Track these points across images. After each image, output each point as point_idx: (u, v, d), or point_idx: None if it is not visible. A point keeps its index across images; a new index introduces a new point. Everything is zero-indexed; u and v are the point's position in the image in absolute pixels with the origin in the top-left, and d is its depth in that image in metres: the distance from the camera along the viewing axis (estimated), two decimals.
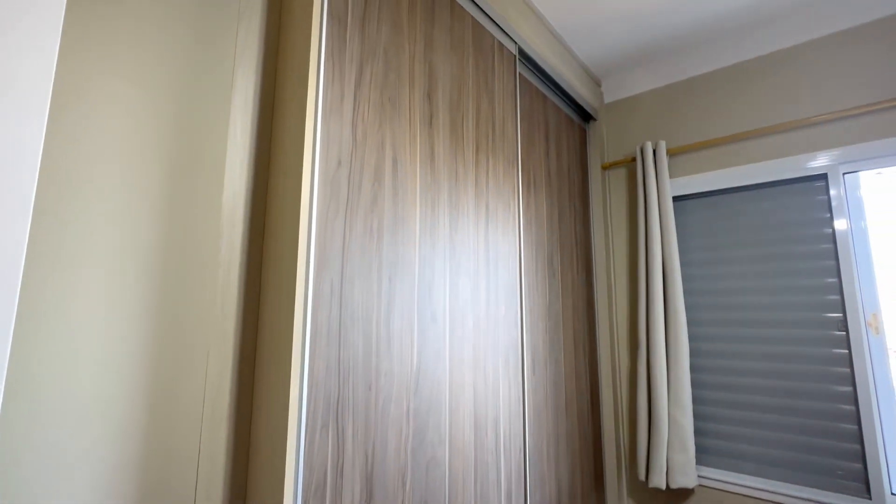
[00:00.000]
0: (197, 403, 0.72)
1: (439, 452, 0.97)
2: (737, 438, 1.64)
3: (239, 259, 0.79)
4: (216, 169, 0.79)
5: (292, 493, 0.68)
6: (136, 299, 0.67)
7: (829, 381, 1.50)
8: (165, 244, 0.71)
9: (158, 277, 0.70)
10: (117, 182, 0.67)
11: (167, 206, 0.72)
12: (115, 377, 0.64)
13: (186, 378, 0.71)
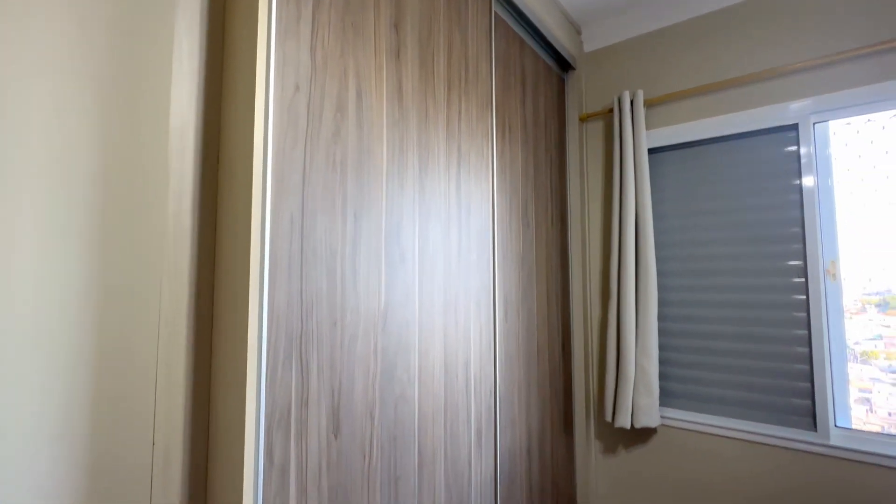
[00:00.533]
0: (151, 340, 0.70)
1: (408, 391, 0.98)
2: (698, 381, 1.72)
3: (191, 190, 0.75)
4: (160, 94, 0.73)
5: (254, 422, 0.67)
6: (78, 233, 0.63)
7: (786, 326, 1.57)
8: (106, 174, 0.66)
9: (100, 210, 0.66)
10: (48, 103, 0.62)
11: (106, 134, 0.67)
12: (58, 316, 0.61)
13: (138, 315, 0.69)
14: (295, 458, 0.73)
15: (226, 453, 0.68)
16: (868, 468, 1.38)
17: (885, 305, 1.49)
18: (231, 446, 0.67)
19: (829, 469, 1.44)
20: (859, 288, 1.51)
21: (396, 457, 0.93)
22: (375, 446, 0.89)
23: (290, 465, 0.72)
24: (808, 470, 1.47)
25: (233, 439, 0.67)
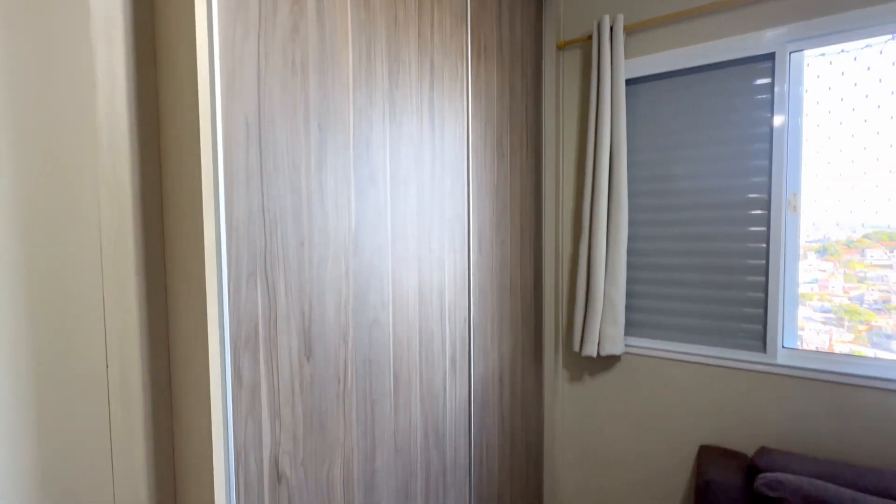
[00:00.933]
0: (93, 261, 0.62)
1: (382, 316, 0.96)
2: (660, 311, 1.80)
3: (125, 86, 0.65)
4: None
5: (219, 343, 0.63)
6: None
7: (745, 256, 1.63)
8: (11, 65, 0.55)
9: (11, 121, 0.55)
10: None
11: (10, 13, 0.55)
12: None
13: (76, 235, 0.61)
14: (266, 379, 0.70)
15: (190, 372, 0.64)
16: (810, 383, 1.51)
17: (823, 252, 1.57)
18: (195, 365, 0.63)
19: (775, 385, 1.57)
20: (803, 234, 1.57)
21: (371, 381, 0.92)
22: (350, 370, 0.87)
23: (261, 387, 0.69)
24: (757, 387, 1.60)
25: (196, 357, 0.63)
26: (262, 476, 0.70)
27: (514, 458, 1.67)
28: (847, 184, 1.52)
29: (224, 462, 0.63)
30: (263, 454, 0.70)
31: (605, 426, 1.91)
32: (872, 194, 1.49)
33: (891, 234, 1.51)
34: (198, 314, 0.62)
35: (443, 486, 1.19)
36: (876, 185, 1.48)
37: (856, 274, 1.54)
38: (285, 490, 0.74)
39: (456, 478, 1.25)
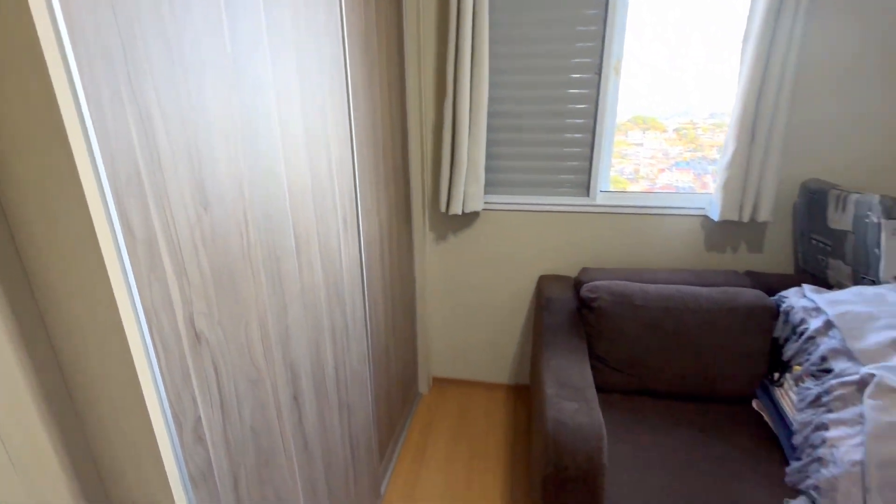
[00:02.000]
0: None
1: (277, 166, 0.84)
2: (511, 169, 2.02)
3: None
4: None
5: (95, 182, 0.47)
6: None
7: (575, 116, 1.89)
8: None
9: None
10: None
11: None
12: None
13: None
14: (161, 230, 0.57)
15: (66, 217, 0.48)
16: (617, 216, 1.96)
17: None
18: (71, 210, 0.47)
19: (594, 221, 1.99)
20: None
21: (274, 237, 0.85)
22: (251, 224, 0.77)
23: (158, 239, 0.57)
24: (581, 224, 2.00)
25: (72, 201, 0.47)
26: (180, 338, 0.62)
27: (395, 313, 1.82)
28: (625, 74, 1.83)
29: (137, 326, 0.53)
30: (176, 315, 0.61)
31: (466, 273, 2.19)
32: (635, 84, 1.84)
33: (644, 118, 1.92)
34: (58, 146, 0.45)
35: (346, 341, 1.24)
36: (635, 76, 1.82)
37: (619, 151, 1.96)
38: (206, 350, 0.67)
39: (356, 332, 1.32)
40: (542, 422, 1.27)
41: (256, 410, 0.81)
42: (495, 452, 1.93)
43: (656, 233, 1.95)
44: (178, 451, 0.61)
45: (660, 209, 1.92)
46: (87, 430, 0.59)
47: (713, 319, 1.55)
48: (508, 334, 2.26)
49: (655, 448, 1.38)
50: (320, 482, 1.11)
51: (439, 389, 2.37)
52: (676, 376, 1.59)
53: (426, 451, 1.95)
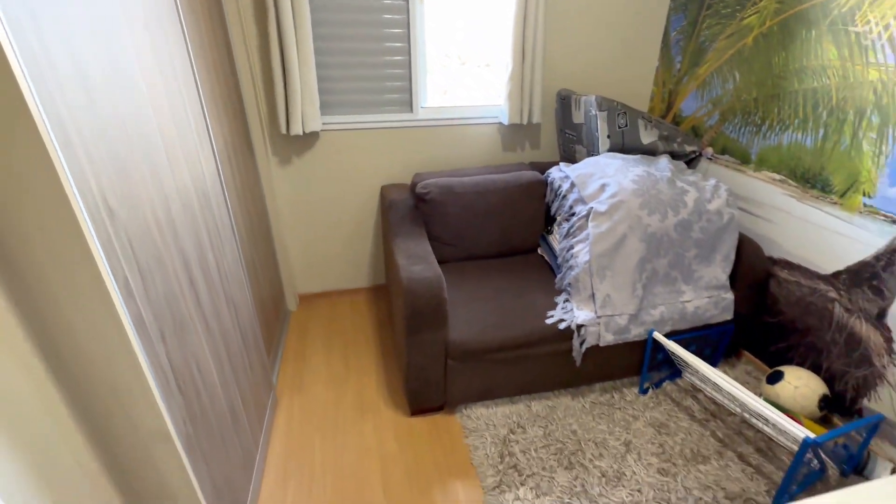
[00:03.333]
0: None
1: (135, 73, 0.94)
2: (343, 91, 2.22)
3: None
4: None
5: (41, 118, 0.59)
6: None
7: (393, 40, 2.17)
8: None
9: None
10: None
11: None
12: None
13: None
14: (76, 132, 0.70)
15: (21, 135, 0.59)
16: (438, 129, 2.38)
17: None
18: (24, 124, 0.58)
19: (419, 133, 2.37)
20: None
21: (144, 129, 0.96)
22: (129, 123, 0.89)
23: (77, 140, 0.69)
24: (409, 138, 2.36)
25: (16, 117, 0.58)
26: (100, 210, 0.76)
27: (254, 231, 1.95)
28: None
29: (78, 204, 0.67)
30: (94, 192, 0.75)
31: (315, 193, 2.39)
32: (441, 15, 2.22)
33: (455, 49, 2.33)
34: None
35: (220, 242, 1.39)
36: None
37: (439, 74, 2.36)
38: (120, 223, 0.82)
39: (227, 236, 1.46)
40: (399, 282, 1.67)
41: (165, 283, 0.98)
42: (365, 340, 2.32)
43: (467, 139, 2.44)
44: (120, 302, 0.78)
45: (468, 119, 2.40)
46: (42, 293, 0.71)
47: (509, 196, 2.13)
48: (362, 242, 2.58)
49: (478, 290, 1.92)
50: (225, 362, 1.31)
51: (307, 305, 2.61)
52: (488, 242, 2.16)
53: (305, 352, 2.23)
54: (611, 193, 1.79)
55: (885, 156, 1.50)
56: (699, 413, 1.83)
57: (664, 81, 2.47)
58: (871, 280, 1.58)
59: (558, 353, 1.78)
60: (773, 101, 1.87)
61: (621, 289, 1.75)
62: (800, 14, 1.72)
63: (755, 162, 1.98)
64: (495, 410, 1.84)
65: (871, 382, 1.63)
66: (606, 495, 1.50)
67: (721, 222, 1.81)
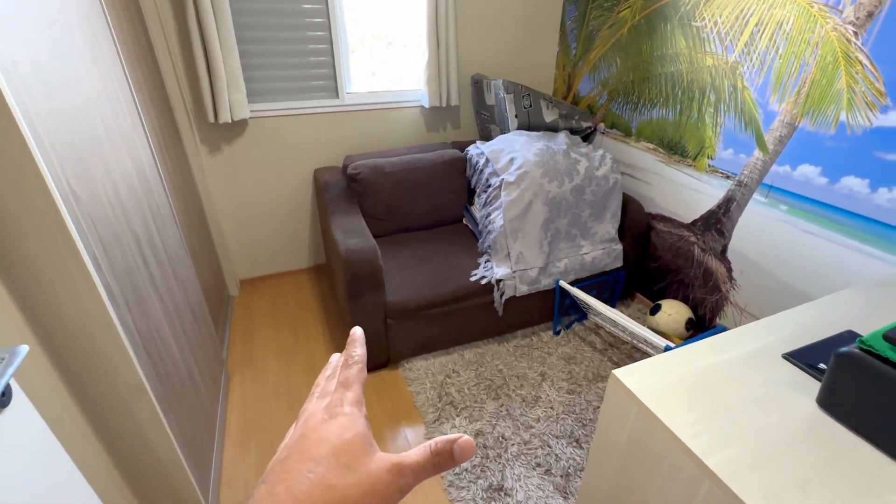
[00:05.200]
0: None
1: (79, 69, 1.03)
2: (268, 79, 2.30)
3: None
4: None
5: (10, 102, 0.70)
6: None
7: (314, 28, 2.29)
8: None
9: None
10: None
11: None
12: None
13: None
14: (41, 126, 0.81)
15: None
16: (365, 113, 2.53)
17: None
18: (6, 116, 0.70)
19: (347, 118, 2.51)
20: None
21: (89, 121, 1.07)
22: (80, 114, 0.99)
23: (44, 134, 0.81)
24: (337, 122, 2.50)
25: None
26: (68, 194, 0.88)
27: (191, 218, 2.02)
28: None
29: (53, 190, 0.80)
30: (61, 178, 0.87)
31: (249, 180, 2.47)
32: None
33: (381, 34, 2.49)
34: None
35: (163, 225, 1.49)
36: None
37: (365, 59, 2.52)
38: (84, 206, 0.94)
39: (168, 219, 1.56)
40: (338, 256, 1.85)
41: (125, 259, 1.10)
42: (311, 314, 2.48)
43: (392, 121, 2.62)
44: (94, 273, 0.91)
45: (392, 103, 2.58)
46: (27, 274, 0.83)
47: (434, 173, 2.37)
48: (299, 225, 2.70)
49: (411, 258, 2.16)
50: (180, 334, 1.44)
51: (249, 289, 2.70)
52: (418, 215, 2.39)
53: (253, 330, 2.35)
54: (518, 165, 2.08)
55: (720, 126, 1.92)
56: (600, 345, 2.23)
57: (564, 65, 2.80)
58: (716, 224, 2.02)
59: (483, 306, 2.07)
60: (645, 83, 2.25)
61: (531, 246, 2.06)
62: (659, 10, 2.09)
63: (635, 134, 2.37)
64: (433, 361, 2.10)
65: (720, 304, 2.09)
66: (526, 414, 1.83)
67: (608, 185, 2.18)
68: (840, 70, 1.48)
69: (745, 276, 1.94)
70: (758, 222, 1.84)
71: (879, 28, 1.37)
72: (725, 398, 0.86)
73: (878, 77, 1.39)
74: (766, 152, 1.75)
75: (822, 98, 1.54)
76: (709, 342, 1.01)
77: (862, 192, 1.49)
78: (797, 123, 1.63)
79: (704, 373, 0.92)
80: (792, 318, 1.11)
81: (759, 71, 1.72)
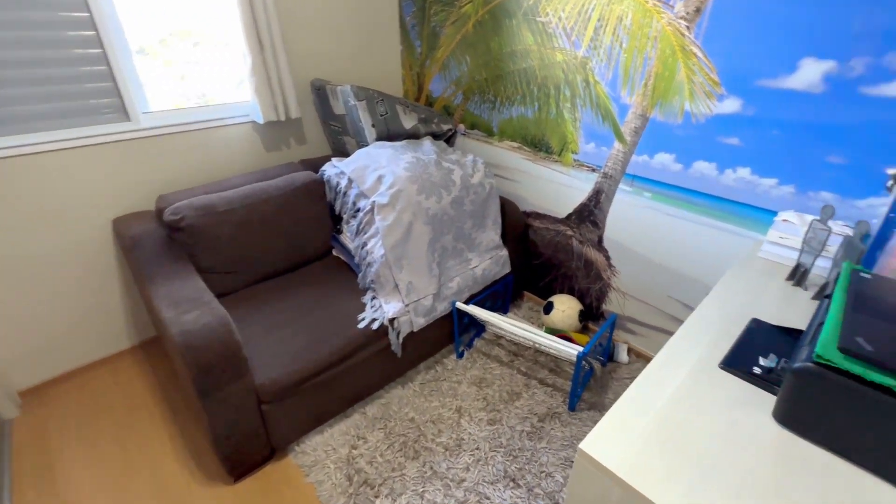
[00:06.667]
0: None
1: None
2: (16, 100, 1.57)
3: None
4: None
5: None
6: None
7: (74, 27, 1.63)
8: None
9: None
10: None
11: None
12: None
13: None
14: None
15: None
16: (176, 137, 1.94)
17: (142, 51, 1.84)
18: None
19: (150, 146, 1.89)
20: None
21: None
22: None
23: None
24: (136, 152, 1.86)
25: None
26: None
27: None
28: None
29: None
30: None
31: (6, 249, 1.68)
32: None
33: (188, 31, 1.93)
34: None
35: None
36: None
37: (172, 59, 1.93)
38: None
39: None
40: (172, 342, 1.33)
41: None
42: (146, 413, 1.83)
43: (217, 144, 2.08)
44: None
45: (214, 121, 2.03)
46: None
47: (285, 202, 1.93)
48: (104, 294, 1.98)
49: (278, 314, 1.72)
50: None
51: (36, 401, 1.88)
52: (275, 257, 1.94)
53: (51, 462, 1.62)
54: (389, 184, 1.80)
55: (579, 121, 1.93)
56: (506, 357, 2.12)
57: (411, 65, 2.59)
58: (590, 216, 2.06)
59: (379, 352, 1.76)
60: (499, 81, 2.17)
61: (420, 273, 1.82)
62: (502, 5, 2.01)
63: (497, 134, 2.30)
64: (331, 433, 1.72)
65: (604, 291, 2.16)
66: (453, 466, 1.60)
67: (485, 192, 2.05)
68: (679, 63, 1.56)
69: (623, 263, 2.02)
70: (626, 210, 1.91)
71: (707, 23, 1.46)
72: (695, 444, 0.79)
73: (712, 68, 1.49)
74: (625, 144, 1.81)
75: (667, 90, 1.62)
76: (645, 376, 0.94)
77: (712, 175, 1.62)
78: (648, 115, 1.70)
79: (663, 419, 0.85)
80: (699, 318, 1.13)
81: (607, 65, 1.75)
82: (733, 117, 1.49)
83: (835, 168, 1.35)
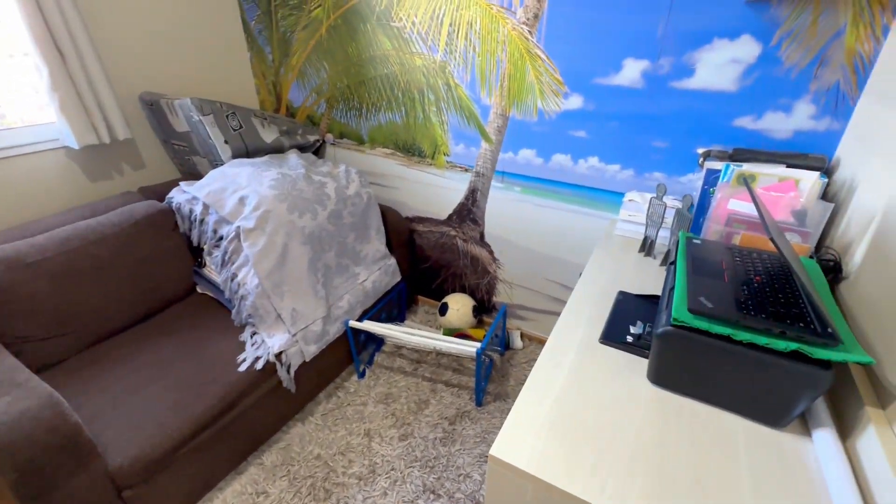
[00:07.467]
0: None
1: None
2: None
3: None
4: None
5: None
6: None
7: None
8: None
9: None
10: None
11: None
12: None
13: None
14: None
15: None
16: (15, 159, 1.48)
17: None
18: None
19: None
20: None
21: None
22: None
23: None
24: None
25: None
26: None
27: None
28: None
29: None
30: None
31: None
32: None
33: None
34: None
35: None
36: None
37: None
38: None
39: None
40: None
41: None
42: None
43: (21, 178, 1.65)
44: None
45: (12, 149, 1.61)
46: None
47: (123, 240, 1.62)
48: None
49: (132, 374, 1.43)
50: None
51: None
52: (119, 307, 1.61)
53: None
54: (253, 205, 1.62)
55: (446, 123, 1.96)
56: (409, 366, 2.07)
57: (264, 74, 2.38)
58: (469, 215, 2.12)
59: (270, 392, 1.58)
60: (362, 87, 2.11)
61: (304, 297, 1.67)
62: (353, 9, 1.95)
63: (368, 141, 2.23)
64: (224, 497, 1.49)
65: (493, 284, 2.25)
66: (370, 495, 1.51)
67: (363, 203, 1.97)
68: (527, 65, 1.67)
69: (505, 255, 2.12)
70: (501, 205, 2.01)
71: (546, 28, 1.59)
72: (590, 423, 0.85)
73: (555, 69, 1.63)
74: (491, 143, 1.89)
75: (520, 90, 1.73)
76: (539, 366, 0.98)
77: (568, 166, 1.77)
78: (508, 114, 1.80)
79: (560, 406, 0.89)
80: (577, 298, 1.22)
81: (465, 69, 1.81)
82: (578, 112, 1.65)
83: (660, 151, 1.57)
